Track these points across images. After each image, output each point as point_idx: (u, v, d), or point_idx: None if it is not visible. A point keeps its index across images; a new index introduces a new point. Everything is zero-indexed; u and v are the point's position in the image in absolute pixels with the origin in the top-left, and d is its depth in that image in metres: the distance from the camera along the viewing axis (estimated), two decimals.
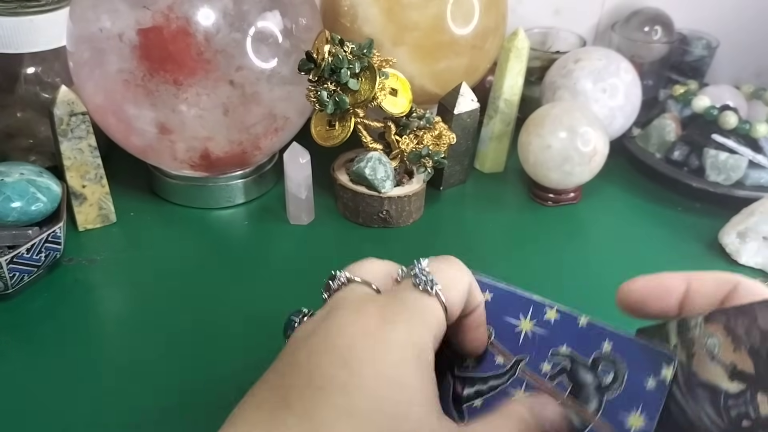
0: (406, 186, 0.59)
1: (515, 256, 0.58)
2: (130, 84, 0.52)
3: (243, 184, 0.61)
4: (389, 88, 0.56)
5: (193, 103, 0.52)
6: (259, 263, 0.55)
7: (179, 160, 0.57)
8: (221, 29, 0.51)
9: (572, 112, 0.60)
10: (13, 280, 0.48)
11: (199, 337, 0.48)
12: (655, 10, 0.77)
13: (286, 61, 0.55)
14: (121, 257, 0.55)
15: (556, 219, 0.62)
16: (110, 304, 0.51)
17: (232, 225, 0.60)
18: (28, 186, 0.51)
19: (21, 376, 0.44)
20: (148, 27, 0.50)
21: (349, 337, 0.27)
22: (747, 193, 0.62)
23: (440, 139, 0.58)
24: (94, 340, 0.47)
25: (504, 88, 0.64)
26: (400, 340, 0.27)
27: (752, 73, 0.84)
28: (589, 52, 0.67)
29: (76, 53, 0.54)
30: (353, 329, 0.27)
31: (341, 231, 0.59)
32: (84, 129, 0.53)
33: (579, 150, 0.59)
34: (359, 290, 0.30)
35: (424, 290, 0.29)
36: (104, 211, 0.57)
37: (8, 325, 0.47)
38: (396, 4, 0.60)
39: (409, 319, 0.28)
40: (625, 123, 0.67)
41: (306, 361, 0.27)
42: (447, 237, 0.60)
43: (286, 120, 0.58)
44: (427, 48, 0.62)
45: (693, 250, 0.58)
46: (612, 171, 0.66)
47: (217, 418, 0.26)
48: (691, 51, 0.79)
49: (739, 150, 0.63)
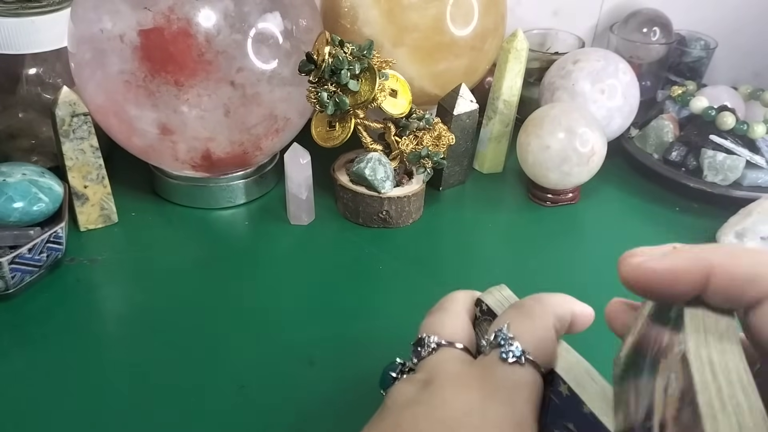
0: (406, 186, 0.59)
1: (514, 256, 0.58)
2: (131, 85, 0.52)
3: (244, 185, 0.62)
4: (389, 89, 0.57)
5: (194, 104, 0.53)
6: (259, 263, 0.55)
7: (180, 160, 0.57)
8: (222, 30, 0.52)
9: (571, 113, 0.60)
10: (15, 280, 0.48)
11: (199, 336, 0.48)
12: (654, 12, 0.78)
13: (287, 62, 0.55)
14: (122, 257, 0.55)
15: (555, 219, 0.62)
16: (111, 304, 0.51)
17: (233, 225, 0.60)
18: (30, 186, 0.51)
19: (22, 375, 0.44)
20: (149, 28, 0.51)
21: (453, 413, 0.27)
22: (744, 193, 0.62)
23: (440, 139, 0.59)
24: (95, 340, 0.47)
25: (503, 89, 0.65)
26: (502, 419, 0.27)
27: (750, 74, 0.84)
28: (587, 53, 0.67)
29: (78, 54, 0.54)
30: (457, 405, 0.28)
31: (341, 231, 0.59)
32: (86, 130, 0.54)
33: (577, 150, 0.59)
34: (452, 355, 0.30)
35: (516, 363, 0.28)
36: (106, 211, 0.57)
37: (9, 325, 0.48)
38: (396, 6, 0.60)
39: (508, 398, 0.28)
40: (623, 124, 0.68)
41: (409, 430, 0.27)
42: (446, 237, 0.60)
43: (287, 121, 0.58)
44: (427, 49, 0.62)
45: None
46: (610, 171, 0.66)
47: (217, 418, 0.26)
48: (689, 52, 0.79)
49: (736, 150, 0.63)
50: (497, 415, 0.27)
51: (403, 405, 0.29)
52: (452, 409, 0.27)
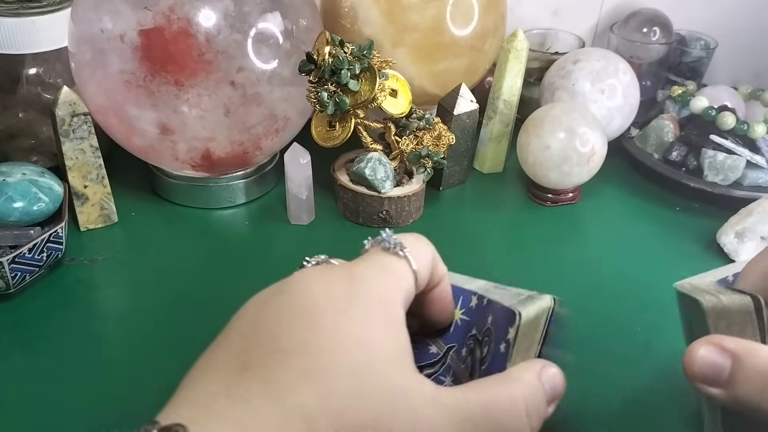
0: (406, 186, 0.59)
1: (514, 255, 0.58)
2: (131, 85, 0.52)
3: (244, 185, 0.62)
4: (389, 89, 0.57)
5: (194, 104, 0.53)
6: (259, 263, 0.55)
7: (180, 160, 0.57)
8: (222, 30, 0.52)
9: (571, 113, 0.60)
10: (15, 279, 0.48)
11: (200, 336, 0.47)
12: (654, 11, 0.78)
13: (287, 62, 0.55)
14: (122, 257, 0.55)
15: (555, 219, 0.62)
16: (112, 304, 0.51)
17: (233, 225, 0.60)
18: (30, 186, 0.51)
19: (22, 375, 0.44)
20: (149, 28, 0.51)
21: (313, 296, 0.26)
22: (745, 193, 0.62)
23: (440, 139, 0.59)
24: (95, 340, 0.47)
25: (503, 89, 0.65)
26: (365, 296, 0.26)
27: (750, 74, 0.84)
28: (587, 53, 0.67)
29: (78, 54, 0.54)
30: (317, 288, 0.27)
31: (341, 231, 0.59)
32: (86, 129, 0.54)
33: (577, 150, 0.59)
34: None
35: (394, 252, 0.29)
36: (106, 211, 0.57)
37: (10, 325, 0.48)
38: (396, 6, 0.60)
39: (375, 276, 0.27)
40: (623, 123, 0.68)
41: (269, 323, 0.26)
42: (446, 237, 0.60)
43: (287, 121, 0.58)
44: (427, 49, 0.62)
45: (691, 250, 0.58)
46: (610, 171, 0.66)
47: None
48: (690, 52, 0.79)
49: (737, 150, 0.63)
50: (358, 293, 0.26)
51: (262, 300, 0.28)
52: (311, 294, 0.26)
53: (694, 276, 0.34)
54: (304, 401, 0.24)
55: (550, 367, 0.28)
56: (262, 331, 0.26)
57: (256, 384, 0.24)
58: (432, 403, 0.25)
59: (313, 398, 0.24)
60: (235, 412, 0.24)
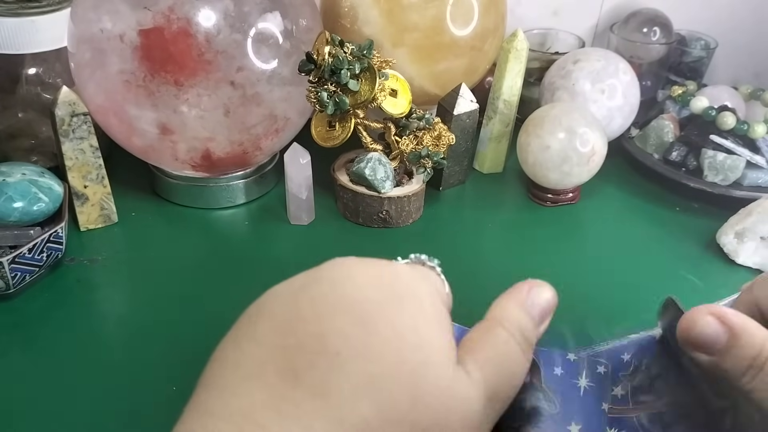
0: (406, 186, 0.59)
1: (514, 255, 0.58)
2: (131, 85, 0.52)
3: (244, 185, 0.62)
4: (389, 89, 0.57)
5: (194, 104, 0.53)
6: (259, 263, 0.55)
7: (180, 160, 0.57)
8: (222, 30, 0.52)
9: (571, 113, 0.60)
10: (15, 279, 0.48)
11: (200, 336, 0.48)
12: (654, 11, 0.78)
13: (287, 62, 0.55)
14: (122, 257, 0.55)
15: (555, 219, 0.62)
16: (112, 304, 0.51)
17: (233, 225, 0.60)
18: (30, 186, 0.51)
19: (22, 376, 0.44)
20: (149, 28, 0.51)
21: (360, 288, 0.24)
22: (745, 193, 0.62)
23: (440, 139, 0.59)
24: (95, 340, 0.47)
25: (503, 89, 0.65)
26: (413, 289, 0.25)
27: (750, 74, 0.84)
28: (587, 53, 0.67)
29: (77, 54, 0.54)
30: (362, 279, 0.24)
31: (341, 231, 0.59)
32: (85, 129, 0.54)
33: (577, 150, 0.59)
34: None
35: (422, 263, 0.29)
36: (106, 211, 0.57)
37: (9, 325, 0.48)
38: (396, 6, 0.60)
39: (417, 273, 0.26)
40: (623, 123, 0.68)
41: (310, 317, 0.23)
42: (446, 237, 0.60)
43: (287, 121, 0.58)
44: (427, 49, 0.62)
45: (691, 250, 0.58)
46: (610, 171, 0.66)
47: None
48: (690, 52, 0.79)
49: (737, 150, 0.63)
50: (409, 291, 0.24)
51: (296, 289, 0.25)
52: (358, 286, 0.24)
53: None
54: (365, 415, 0.22)
55: (535, 288, 0.28)
56: (303, 327, 0.23)
57: (310, 398, 0.22)
58: (473, 386, 0.24)
59: (375, 411, 0.22)
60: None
